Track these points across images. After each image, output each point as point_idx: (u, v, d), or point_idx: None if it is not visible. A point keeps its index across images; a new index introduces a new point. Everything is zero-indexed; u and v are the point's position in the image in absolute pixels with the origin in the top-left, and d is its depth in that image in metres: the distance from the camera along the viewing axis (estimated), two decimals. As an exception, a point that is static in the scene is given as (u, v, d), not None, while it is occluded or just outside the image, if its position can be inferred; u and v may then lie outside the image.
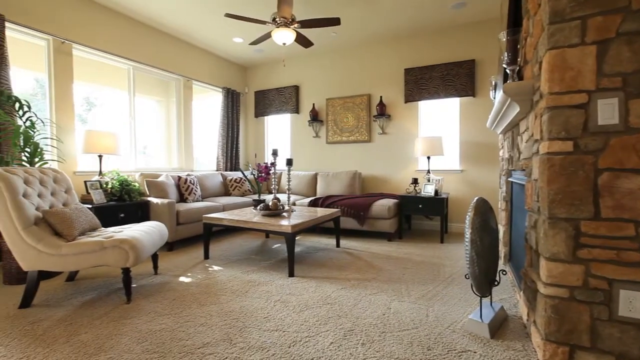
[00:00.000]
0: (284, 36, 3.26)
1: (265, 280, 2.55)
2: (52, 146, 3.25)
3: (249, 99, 6.06)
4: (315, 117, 5.25)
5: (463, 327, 1.81)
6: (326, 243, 3.76)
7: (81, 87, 3.68)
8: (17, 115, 2.82)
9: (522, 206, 2.14)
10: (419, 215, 4.25)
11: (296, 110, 5.52)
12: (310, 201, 4.26)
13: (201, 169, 5.27)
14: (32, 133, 2.76)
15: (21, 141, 2.70)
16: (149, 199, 3.57)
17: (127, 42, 4.02)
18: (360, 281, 2.52)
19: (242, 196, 4.80)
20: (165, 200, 3.44)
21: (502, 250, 2.91)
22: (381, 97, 4.75)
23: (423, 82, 4.49)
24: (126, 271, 2.12)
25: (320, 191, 4.85)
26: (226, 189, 4.87)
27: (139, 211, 3.45)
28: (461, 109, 4.34)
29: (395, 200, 3.97)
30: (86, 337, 1.70)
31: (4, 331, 1.76)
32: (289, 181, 3.26)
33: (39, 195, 2.26)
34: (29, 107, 2.81)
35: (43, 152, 2.83)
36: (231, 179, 4.90)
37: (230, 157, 5.55)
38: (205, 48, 5.12)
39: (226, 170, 5.44)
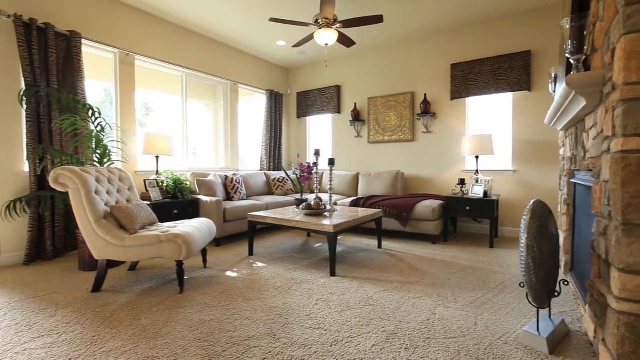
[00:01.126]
0: (327, 37, 3.28)
1: (307, 278, 2.59)
2: (117, 148, 3.61)
3: (292, 100, 6.19)
4: (357, 116, 5.21)
5: (517, 339, 1.68)
6: (367, 244, 3.72)
7: (141, 93, 4.04)
8: (90, 121, 3.18)
9: (587, 210, 1.93)
10: (466, 217, 4.04)
11: (338, 110, 5.52)
12: (352, 201, 4.24)
13: (246, 168, 5.50)
14: (102, 137, 3.09)
15: (93, 144, 3.04)
16: (199, 197, 3.80)
17: (181, 51, 4.33)
18: (403, 284, 2.45)
19: (284, 195, 4.92)
20: (214, 199, 3.64)
21: (563, 258, 2.65)
22: (425, 94, 4.58)
23: (471, 77, 4.24)
24: (179, 264, 2.28)
25: (362, 191, 4.81)
26: (269, 188, 5.03)
27: (190, 208, 3.70)
28: (514, 104, 4.03)
29: (440, 202, 3.80)
30: (146, 322, 1.87)
31: (80, 312, 1.99)
32: (330, 181, 3.28)
33: (107, 192, 2.52)
34: (99, 113, 3.16)
35: (110, 153, 3.16)
36: (274, 179, 5.04)
37: (274, 157, 5.72)
38: (250, 53, 5.33)
39: (270, 170, 5.62)
